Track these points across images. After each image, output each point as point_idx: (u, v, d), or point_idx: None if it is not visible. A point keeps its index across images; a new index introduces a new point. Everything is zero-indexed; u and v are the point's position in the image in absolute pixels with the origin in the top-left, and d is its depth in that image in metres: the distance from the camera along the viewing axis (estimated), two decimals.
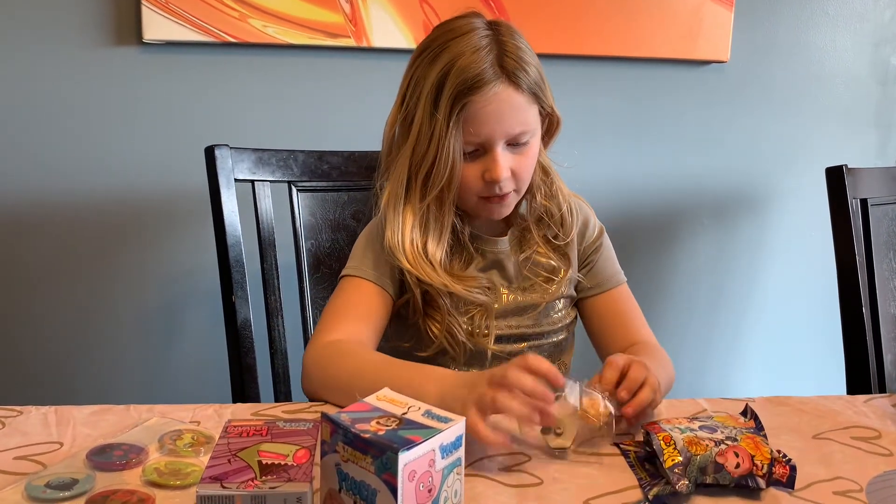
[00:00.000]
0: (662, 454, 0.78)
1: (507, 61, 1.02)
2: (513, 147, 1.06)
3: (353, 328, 1.05)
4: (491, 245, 1.15)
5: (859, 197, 1.34)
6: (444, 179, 1.04)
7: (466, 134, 1.03)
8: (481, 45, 1.02)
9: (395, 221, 1.07)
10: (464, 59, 1.00)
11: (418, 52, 1.07)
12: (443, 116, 1.01)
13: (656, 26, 1.78)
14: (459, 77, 1.00)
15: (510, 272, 1.15)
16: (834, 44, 1.94)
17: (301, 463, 0.67)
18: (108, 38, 1.55)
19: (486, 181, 1.05)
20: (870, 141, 2.02)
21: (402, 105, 1.08)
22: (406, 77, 1.08)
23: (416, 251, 1.06)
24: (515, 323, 1.14)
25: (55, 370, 1.66)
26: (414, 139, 1.05)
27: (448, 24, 1.07)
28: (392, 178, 1.09)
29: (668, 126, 1.88)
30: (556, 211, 1.16)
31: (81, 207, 1.61)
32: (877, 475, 0.83)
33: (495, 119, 1.02)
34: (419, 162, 1.05)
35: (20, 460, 0.80)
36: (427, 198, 1.06)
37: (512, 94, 1.02)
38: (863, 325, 1.29)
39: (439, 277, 1.06)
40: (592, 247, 1.20)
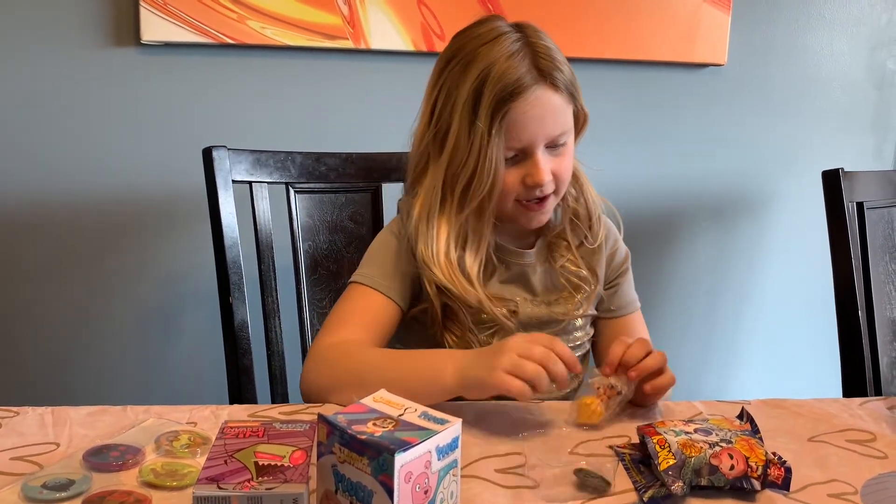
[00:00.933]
0: (657, 457, 0.78)
1: (542, 63, 1.01)
2: (552, 149, 1.04)
3: (354, 334, 1.04)
4: (517, 257, 1.13)
5: (855, 200, 1.34)
6: (485, 189, 1.02)
7: (508, 140, 1.01)
8: (514, 49, 1.00)
9: (429, 234, 1.05)
10: (499, 65, 0.99)
11: (444, 61, 1.05)
12: (484, 124, 0.99)
13: (654, 29, 1.78)
14: (498, 84, 0.98)
15: (534, 285, 1.13)
16: (831, 47, 1.94)
17: (297, 464, 0.67)
18: (106, 40, 1.55)
19: (528, 185, 1.04)
20: (866, 144, 2.02)
21: (431, 116, 1.06)
22: (433, 88, 1.06)
23: (452, 265, 1.04)
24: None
25: (52, 370, 1.66)
26: (451, 150, 1.03)
27: (471, 31, 1.04)
28: (424, 191, 1.06)
29: (666, 128, 1.88)
30: (584, 213, 1.15)
31: (79, 208, 1.61)
32: (871, 478, 0.83)
33: (538, 123, 1.01)
34: (456, 173, 1.03)
35: (16, 461, 0.80)
36: (465, 210, 1.04)
37: (551, 95, 1.02)
38: (859, 329, 1.30)
39: (476, 293, 1.04)
40: (619, 269, 1.19)
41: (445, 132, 1.04)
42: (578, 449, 0.88)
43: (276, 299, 1.27)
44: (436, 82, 1.06)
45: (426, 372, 0.94)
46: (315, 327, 1.30)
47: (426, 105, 1.07)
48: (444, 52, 1.06)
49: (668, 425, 0.85)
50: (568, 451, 0.87)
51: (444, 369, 0.92)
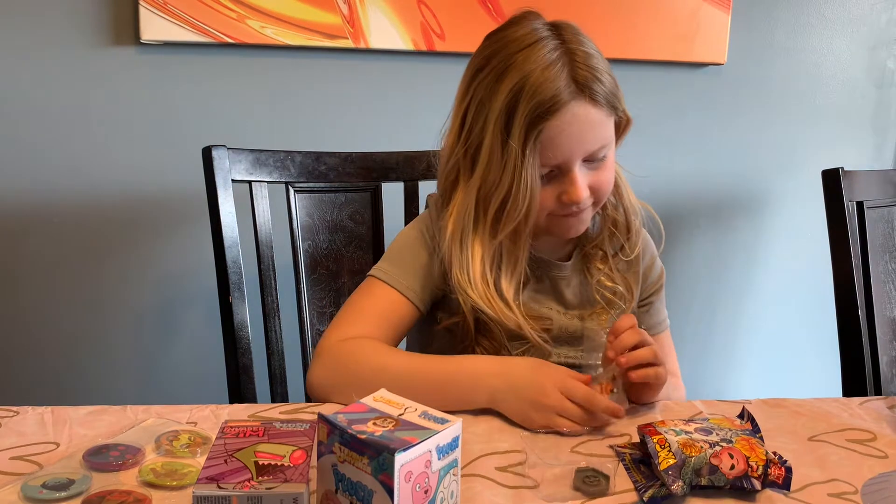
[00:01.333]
0: (657, 456, 0.78)
1: (581, 74, 0.93)
2: (590, 163, 0.99)
3: (367, 330, 1.00)
4: (553, 269, 1.09)
5: (855, 200, 1.34)
6: (521, 213, 0.96)
7: (543, 158, 0.95)
8: (552, 59, 0.93)
9: (463, 257, 1.00)
10: (534, 77, 0.92)
11: (477, 67, 0.98)
12: (517, 144, 0.93)
13: (653, 28, 1.78)
14: (533, 100, 0.92)
15: (568, 297, 1.09)
16: (831, 47, 1.94)
17: (298, 464, 0.67)
18: (105, 39, 1.55)
19: (564, 202, 0.99)
20: (866, 144, 2.02)
21: (461, 128, 0.99)
22: (463, 97, 0.99)
23: (489, 288, 0.99)
24: (565, 352, 1.08)
25: (51, 370, 1.66)
26: (483, 169, 0.97)
27: (506, 33, 0.97)
28: (456, 211, 1.01)
29: (665, 128, 1.88)
30: (623, 222, 1.09)
31: (78, 208, 1.60)
32: (872, 477, 0.83)
33: (575, 140, 0.95)
34: (489, 193, 0.98)
35: (16, 460, 0.80)
36: (501, 233, 0.99)
37: (590, 110, 0.95)
38: (859, 328, 1.30)
39: (514, 317, 1.00)
40: (654, 287, 1.16)
41: (477, 148, 0.98)
42: (579, 448, 0.88)
43: (275, 299, 1.27)
44: (467, 89, 0.99)
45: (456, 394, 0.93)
46: (315, 326, 1.30)
47: (456, 112, 1.01)
48: (477, 55, 0.99)
49: (668, 425, 0.85)
50: (568, 451, 0.87)
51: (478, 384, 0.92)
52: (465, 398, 0.93)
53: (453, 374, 0.94)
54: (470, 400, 0.93)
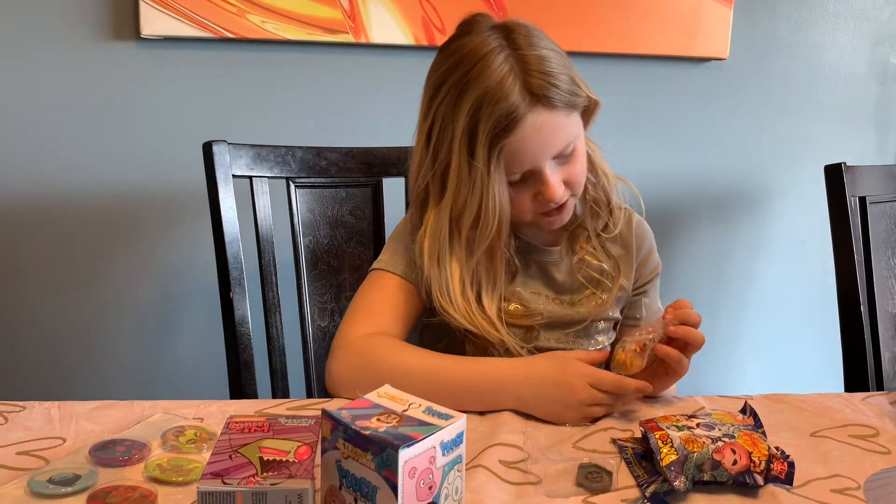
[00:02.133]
0: (659, 452, 0.78)
1: (535, 82, 0.94)
2: (560, 159, 1.00)
3: (382, 323, 1.02)
4: (541, 254, 1.10)
5: (858, 195, 1.34)
6: (492, 229, 0.98)
7: (509, 172, 0.97)
8: (504, 72, 0.93)
9: (442, 278, 1.01)
10: (490, 94, 0.93)
11: (436, 86, 0.98)
12: (482, 164, 0.95)
13: (655, 23, 1.78)
14: (491, 119, 0.93)
15: (558, 281, 1.10)
16: (833, 42, 1.94)
17: (302, 459, 0.67)
18: (105, 34, 1.55)
19: (541, 202, 1.01)
20: (869, 139, 2.02)
21: (427, 146, 1.01)
22: (426, 115, 1.00)
23: (471, 307, 1.01)
24: (555, 337, 1.10)
25: (53, 365, 1.66)
26: (453, 190, 0.99)
27: (459, 45, 0.97)
28: (430, 233, 1.02)
29: (667, 123, 1.88)
30: (604, 199, 1.11)
31: (78, 203, 1.60)
32: (874, 473, 0.84)
33: (539, 148, 0.97)
34: (461, 212, 0.99)
35: (23, 455, 0.80)
36: (477, 251, 1.01)
37: (548, 117, 0.96)
38: (861, 324, 1.30)
39: (498, 335, 1.01)
40: (651, 275, 1.18)
41: (445, 169, 0.99)
42: (581, 444, 0.88)
43: (276, 294, 1.27)
44: (429, 108, 1.00)
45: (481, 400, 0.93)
46: (316, 322, 1.31)
47: (420, 130, 1.02)
48: (434, 70, 1.00)
49: (670, 420, 0.85)
50: (571, 446, 0.87)
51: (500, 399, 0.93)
52: (490, 403, 0.94)
53: (477, 380, 0.95)
54: (495, 404, 0.94)
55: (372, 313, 1.03)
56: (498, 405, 0.93)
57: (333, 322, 1.32)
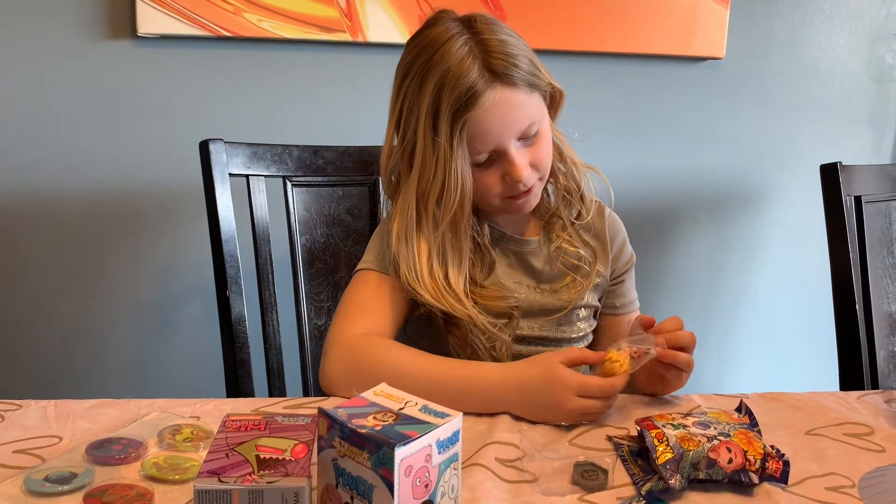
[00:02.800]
0: (655, 450, 0.79)
1: (495, 63, 0.98)
2: (525, 140, 1.03)
3: (374, 322, 1.03)
4: (519, 244, 1.13)
5: (853, 194, 1.35)
6: (455, 203, 1.01)
7: (473, 149, 1.00)
8: (463, 53, 0.98)
9: (410, 256, 1.03)
10: (451, 74, 0.97)
11: (402, 74, 1.03)
12: (445, 139, 0.98)
13: (652, 22, 1.78)
14: (452, 95, 0.97)
15: (538, 270, 1.13)
16: (830, 41, 1.94)
17: (299, 458, 0.67)
18: (102, 32, 1.55)
19: (508, 183, 1.03)
20: (865, 138, 2.03)
21: (397, 132, 1.05)
22: (395, 102, 1.05)
23: (438, 283, 1.03)
24: (538, 325, 1.12)
25: (50, 363, 1.66)
26: (419, 167, 1.02)
27: (423, 36, 1.02)
28: (399, 212, 1.05)
29: (663, 122, 1.88)
30: (575, 186, 1.14)
31: (74, 201, 1.60)
32: (869, 471, 0.84)
33: (500, 125, 0.99)
34: (426, 190, 1.02)
35: (19, 454, 0.80)
36: (441, 226, 1.03)
37: (508, 93, 0.99)
38: (856, 322, 1.30)
39: (465, 310, 1.03)
40: (627, 266, 1.20)
41: (412, 149, 1.03)
42: (577, 441, 0.88)
43: (273, 293, 1.27)
44: (397, 96, 1.04)
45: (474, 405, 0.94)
46: (312, 321, 1.31)
47: (391, 119, 1.06)
48: (402, 62, 1.04)
49: (666, 419, 0.85)
50: (566, 444, 0.87)
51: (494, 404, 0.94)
52: (484, 408, 0.94)
53: (470, 386, 0.95)
54: (489, 409, 0.94)
55: (363, 312, 1.04)
56: (492, 410, 0.94)
57: (330, 320, 1.32)
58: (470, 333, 1.05)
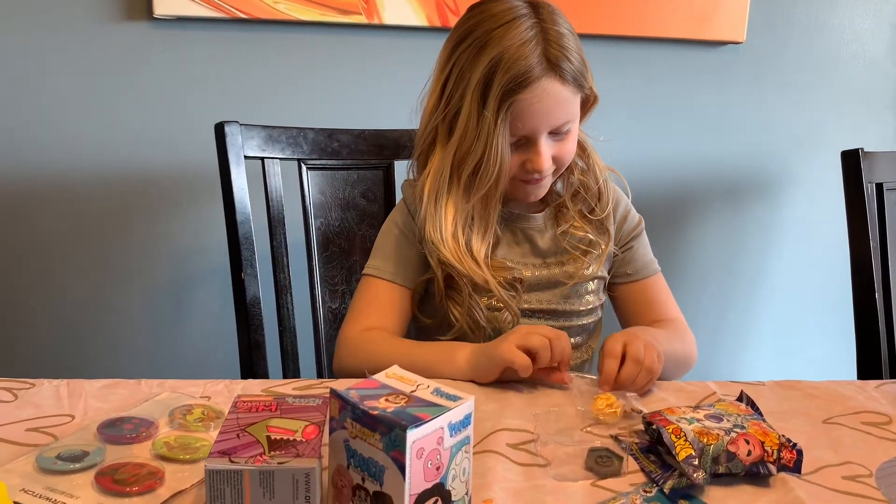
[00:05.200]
0: (674, 447, 0.77)
1: (553, 53, 1.00)
2: (555, 135, 1.06)
3: (380, 322, 1.10)
4: (525, 221, 1.15)
5: (875, 181, 1.33)
6: (491, 178, 1.04)
7: (513, 128, 1.02)
8: (528, 37, 0.99)
9: (437, 216, 1.07)
10: (510, 52, 0.98)
11: (459, 38, 1.04)
12: (491, 114, 1.00)
13: (671, 5, 1.75)
14: (508, 73, 0.98)
15: (542, 247, 1.15)
16: (852, 25, 1.91)
17: (310, 439, 0.67)
18: (118, 13, 1.55)
19: (528, 169, 1.06)
20: (887, 125, 1.99)
21: (442, 94, 1.06)
22: (444, 64, 1.06)
23: (460, 247, 1.07)
24: (546, 297, 1.14)
25: (65, 345, 1.67)
26: (460, 135, 1.04)
27: (488, 7, 1.03)
28: (433, 173, 1.08)
29: (682, 107, 1.86)
30: (594, 185, 1.16)
31: (90, 183, 1.61)
32: (887, 461, 0.83)
33: (542, 114, 1.02)
34: (464, 158, 1.05)
35: (32, 432, 0.81)
36: (473, 197, 1.07)
37: (558, 87, 1.01)
38: (875, 311, 1.29)
39: (483, 274, 1.07)
40: (634, 232, 1.20)
41: (455, 114, 1.05)
42: (591, 428, 0.88)
43: (287, 275, 1.27)
44: (448, 58, 1.05)
45: (442, 357, 1.01)
46: (327, 304, 1.31)
47: (437, 79, 1.08)
48: (459, 26, 1.05)
49: (677, 413, 0.83)
50: (580, 430, 0.87)
51: (457, 353, 1.00)
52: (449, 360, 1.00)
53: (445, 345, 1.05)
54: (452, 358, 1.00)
55: (367, 312, 1.10)
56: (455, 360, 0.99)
57: (344, 304, 1.32)
58: (470, 298, 1.09)
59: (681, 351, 1.10)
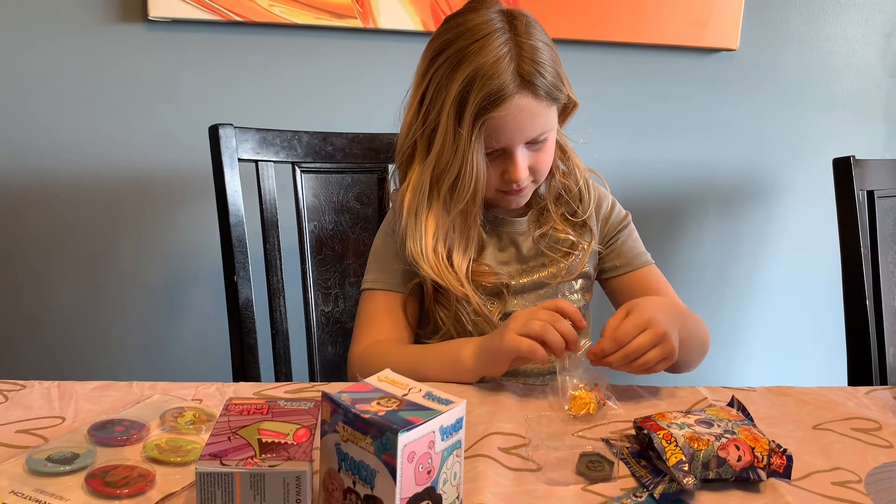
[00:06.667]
0: (665, 452, 0.77)
1: (525, 68, 1.01)
2: (532, 145, 1.07)
3: (386, 334, 1.10)
4: (509, 226, 1.16)
5: (866, 189, 1.33)
6: (468, 193, 1.05)
7: (487, 143, 1.04)
8: (501, 53, 1.00)
9: (417, 231, 1.08)
10: (485, 70, 1.00)
11: (436, 51, 1.05)
12: (467, 132, 1.02)
13: (665, 12, 1.76)
14: (482, 91, 1.00)
15: (526, 250, 1.16)
16: (845, 34, 1.92)
17: (301, 442, 0.67)
18: (113, 15, 1.54)
19: (506, 180, 1.08)
20: (878, 133, 2.01)
21: (420, 107, 1.07)
22: (422, 78, 1.07)
23: (440, 261, 1.08)
24: (532, 299, 1.15)
25: (57, 347, 1.66)
26: (438, 150, 1.05)
27: (465, 20, 1.04)
28: (412, 188, 1.09)
29: (675, 114, 1.86)
30: (574, 187, 1.17)
31: (84, 185, 1.60)
32: (876, 467, 0.83)
33: (516, 129, 1.03)
34: (442, 173, 1.06)
35: (22, 434, 0.81)
36: (452, 212, 1.08)
37: (531, 102, 1.02)
38: (866, 318, 1.29)
39: (462, 288, 1.08)
40: (619, 226, 1.21)
41: (434, 129, 1.06)
42: (583, 433, 0.88)
43: (280, 279, 1.27)
44: (426, 71, 1.06)
45: (448, 357, 1.01)
46: (320, 307, 1.31)
47: (415, 91, 1.08)
48: (436, 40, 1.06)
49: (667, 418, 0.83)
50: (572, 435, 0.87)
51: (462, 350, 1.00)
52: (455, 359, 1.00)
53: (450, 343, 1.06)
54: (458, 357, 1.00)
55: (372, 327, 1.11)
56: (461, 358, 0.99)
57: (337, 307, 1.32)
58: (456, 302, 1.10)
59: (696, 336, 1.08)
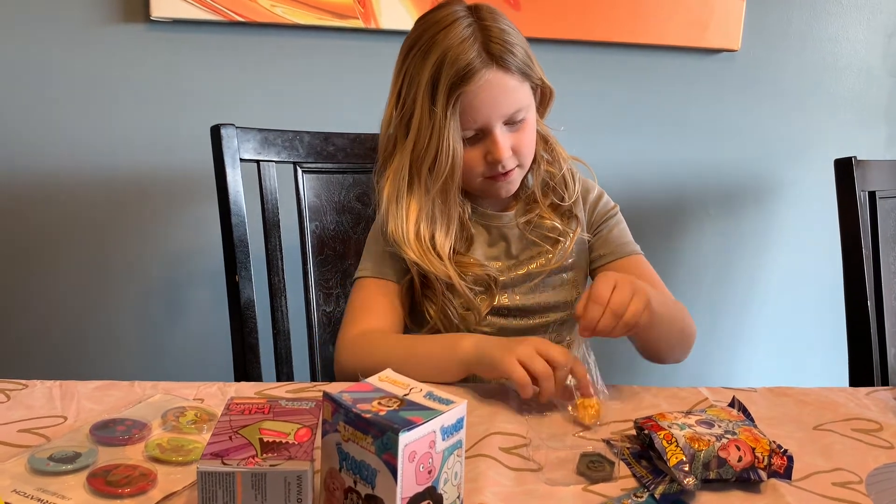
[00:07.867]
0: (665, 453, 0.77)
1: (493, 46, 1.05)
2: (510, 125, 1.09)
3: (377, 321, 1.11)
4: (496, 220, 1.17)
5: (867, 189, 1.33)
6: (446, 170, 1.07)
7: (464, 122, 1.06)
8: (466, 34, 1.04)
9: (399, 215, 1.10)
10: (452, 51, 1.03)
11: (407, 48, 1.10)
12: (440, 109, 1.05)
13: (666, 13, 1.76)
14: (451, 69, 1.03)
15: (515, 243, 1.17)
16: (846, 34, 1.92)
17: (302, 441, 0.67)
18: (115, 16, 1.55)
19: (490, 162, 1.09)
20: (880, 133, 2.00)
21: (397, 102, 1.11)
22: (398, 75, 1.11)
23: (423, 243, 1.09)
24: (521, 291, 1.15)
25: (60, 346, 1.67)
26: (415, 134, 1.08)
27: (430, 16, 1.09)
28: (392, 173, 1.11)
29: (676, 115, 1.86)
30: (558, 173, 1.18)
31: (86, 185, 1.61)
32: (877, 467, 0.83)
33: (490, 104, 1.05)
34: (421, 156, 1.08)
35: (24, 433, 0.81)
36: (432, 191, 1.09)
37: (502, 77, 1.05)
38: (867, 318, 1.29)
39: (445, 269, 1.09)
40: (606, 215, 1.21)
41: (410, 116, 1.09)
42: (584, 433, 0.88)
43: (282, 278, 1.27)
44: (400, 68, 1.11)
45: (445, 344, 1.02)
46: (321, 307, 1.31)
47: (393, 89, 1.12)
48: (408, 39, 1.10)
49: (668, 418, 0.83)
50: (573, 435, 0.87)
51: (461, 342, 1.00)
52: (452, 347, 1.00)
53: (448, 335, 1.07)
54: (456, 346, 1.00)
55: (363, 315, 1.11)
56: (459, 348, 0.99)
57: (339, 307, 1.32)
58: (443, 296, 1.11)
59: (676, 314, 1.09)
